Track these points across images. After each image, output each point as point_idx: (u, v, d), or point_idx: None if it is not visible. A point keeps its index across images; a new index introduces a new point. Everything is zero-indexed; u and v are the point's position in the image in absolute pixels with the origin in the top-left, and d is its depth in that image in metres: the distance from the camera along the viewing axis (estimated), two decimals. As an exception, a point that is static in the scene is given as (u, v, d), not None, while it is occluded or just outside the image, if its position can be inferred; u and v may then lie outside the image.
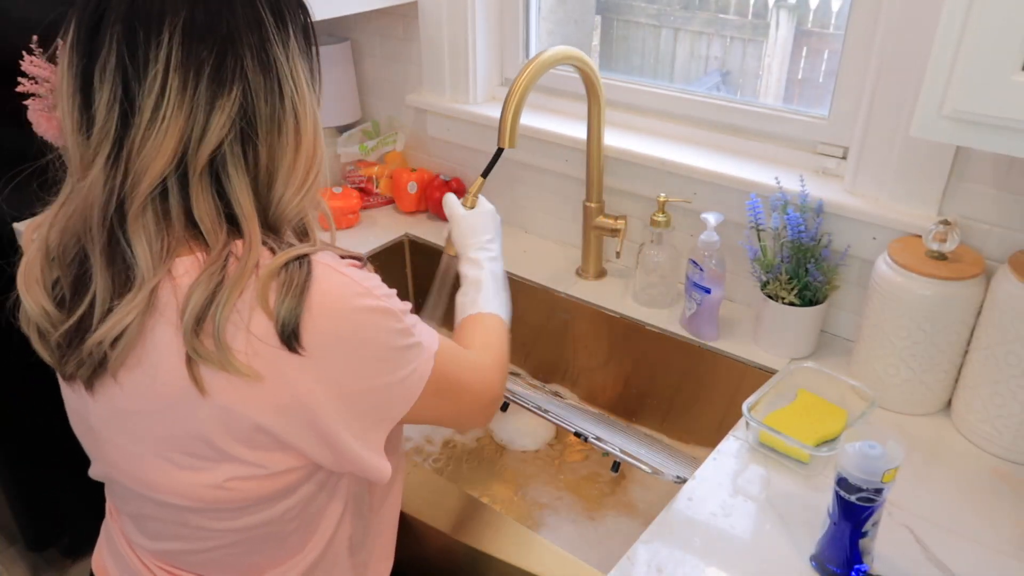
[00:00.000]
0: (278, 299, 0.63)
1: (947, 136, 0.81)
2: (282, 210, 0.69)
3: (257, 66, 0.65)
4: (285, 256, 0.65)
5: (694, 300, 1.20)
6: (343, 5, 1.39)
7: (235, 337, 0.63)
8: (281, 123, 0.67)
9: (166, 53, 0.61)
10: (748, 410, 0.98)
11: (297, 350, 0.64)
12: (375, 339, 0.68)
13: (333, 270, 0.67)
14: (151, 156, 0.62)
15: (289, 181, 0.69)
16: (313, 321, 0.64)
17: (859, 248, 1.13)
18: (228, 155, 0.65)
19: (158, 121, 0.62)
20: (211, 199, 0.65)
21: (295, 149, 0.69)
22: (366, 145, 1.65)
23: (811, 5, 1.35)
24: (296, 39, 0.69)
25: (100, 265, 0.65)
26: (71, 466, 1.74)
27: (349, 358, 0.67)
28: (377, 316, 0.68)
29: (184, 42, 0.62)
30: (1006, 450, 0.97)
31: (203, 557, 0.77)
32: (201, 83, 0.62)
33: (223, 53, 0.63)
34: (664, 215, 1.25)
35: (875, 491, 0.75)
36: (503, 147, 1.12)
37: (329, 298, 0.65)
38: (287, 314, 0.63)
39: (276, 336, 0.63)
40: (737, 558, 0.84)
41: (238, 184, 0.66)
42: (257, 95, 0.65)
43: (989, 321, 0.95)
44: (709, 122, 1.32)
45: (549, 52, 1.14)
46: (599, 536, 1.16)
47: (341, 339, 0.66)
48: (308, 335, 0.64)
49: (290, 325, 0.63)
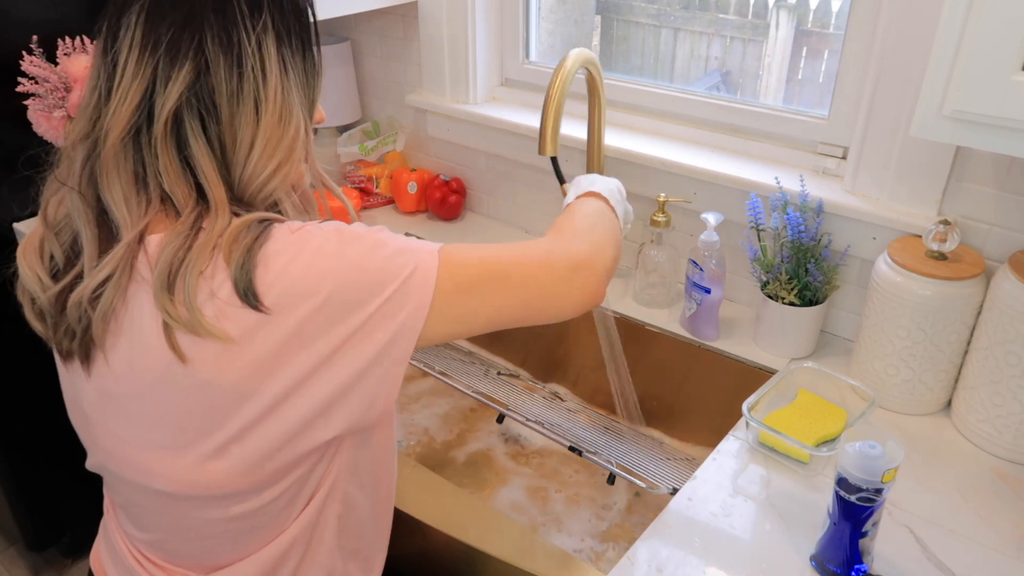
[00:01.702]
0: (235, 255, 0.65)
1: (947, 136, 0.81)
2: (245, 187, 0.71)
3: (217, 44, 0.68)
4: (248, 218, 0.67)
5: (694, 300, 1.20)
6: (343, 5, 1.39)
7: (204, 302, 0.65)
8: (239, 102, 0.69)
9: (131, 32, 0.68)
10: (748, 410, 0.98)
11: (258, 306, 0.64)
12: (338, 269, 0.66)
13: (289, 227, 0.68)
14: (115, 119, 0.67)
15: (249, 160, 0.70)
16: (268, 274, 0.65)
17: (859, 248, 1.13)
18: (187, 124, 0.68)
19: (119, 88, 0.68)
20: (178, 165, 0.69)
21: (253, 129, 0.70)
22: (366, 145, 1.65)
23: (811, 5, 1.35)
24: (275, 24, 0.71)
25: (84, 228, 0.69)
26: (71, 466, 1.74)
27: (319, 301, 0.65)
28: (330, 245, 0.67)
29: (145, 23, 0.68)
30: (1006, 450, 0.97)
31: (194, 546, 0.77)
32: (158, 55, 0.67)
33: (180, 31, 0.68)
34: (664, 215, 1.25)
35: (875, 491, 0.75)
36: (549, 156, 1.14)
37: (281, 248, 0.66)
38: (238, 270, 0.64)
39: (237, 296, 0.64)
40: (737, 558, 0.84)
41: (199, 152, 0.68)
42: (215, 72, 0.68)
43: (989, 321, 0.95)
44: (709, 122, 1.32)
45: (573, 57, 1.13)
46: (599, 536, 1.16)
47: (298, 284, 0.65)
48: (264, 289, 0.64)
49: (243, 281, 0.64)
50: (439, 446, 1.33)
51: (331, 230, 0.69)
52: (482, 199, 1.62)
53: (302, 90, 0.74)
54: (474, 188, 1.62)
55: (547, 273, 0.76)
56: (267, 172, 0.71)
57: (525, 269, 0.75)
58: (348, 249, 0.67)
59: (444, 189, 1.58)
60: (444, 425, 1.38)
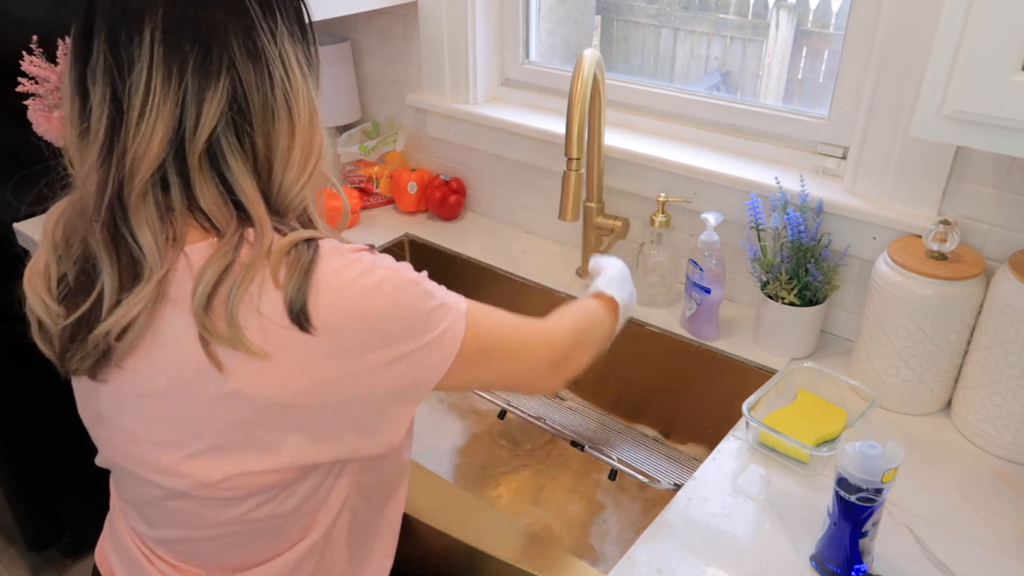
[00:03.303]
0: (286, 278, 0.64)
1: (947, 136, 0.81)
2: (284, 196, 0.71)
3: (245, 55, 0.66)
4: (295, 237, 0.67)
5: (694, 300, 1.20)
6: (343, 5, 1.39)
7: (247, 317, 0.64)
8: (274, 110, 0.68)
9: (148, 51, 0.63)
10: (748, 410, 0.98)
11: (307, 328, 0.64)
12: (389, 308, 0.68)
13: (339, 250, 0.68)
14: (142, 148, 0.64)
15: (288, 167, 0.70)
16: (321, 298, 0.65)
17: (859, 248, 1.13)
18: (224, 143, 0.66)
19: (146, 115, 0.64)
20: (214, 187, 0.67)
21: (290, 135, 0.70)
22: (366, 145, 1.65)
23: (811, 5, 1.35)
24: (286, 24, 0.69)
25: (105, 260, 0.66)
26: (71, 466, 1.74)
27: (364, 331, 0.67)
28: (388, 285, 0.68)
29: (165, 38, 0.64)
30: (1006, 450, 0.97)
31: (202, 546, 0.77)
32: (187, 76, 0.64)
33: (207, 45, 0.65)
34: (664, 215, 1.25)
35: (875, 491, 0.75)
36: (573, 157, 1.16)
37: (336, 275, 0.66)
38: (294, 293, 0.64)
39: (286, 315, 0.64)
40: (737, 558, 0.84)
41: (238, 171, 0.67)
42: (248, 84, 0.66)
43: (989, 321, 0.95)
44: (709, 122, 1.32)
45: (588, 60, 1.13)
46: (599, 536, 1.16)
47: (351, 314, 0.66)
48: (317, 312, 0.64)
49: (298, 303, 0.64)
50: (442, 443, 1.33)
51: (389, 267, 0.70)
52: (482, 199, 1.62)
53: (315, 89, 0.74)
54: (474, 188, 1.62)
55: (540, 361, 0.83)
56: (304, 178, 0.71)
57: (529, 352, 0.82)
58: (403, 294, 0.69)
59: (444, 189, 1.58)
60: (445, 420, 1.38)
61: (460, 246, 1.52)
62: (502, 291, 1.45)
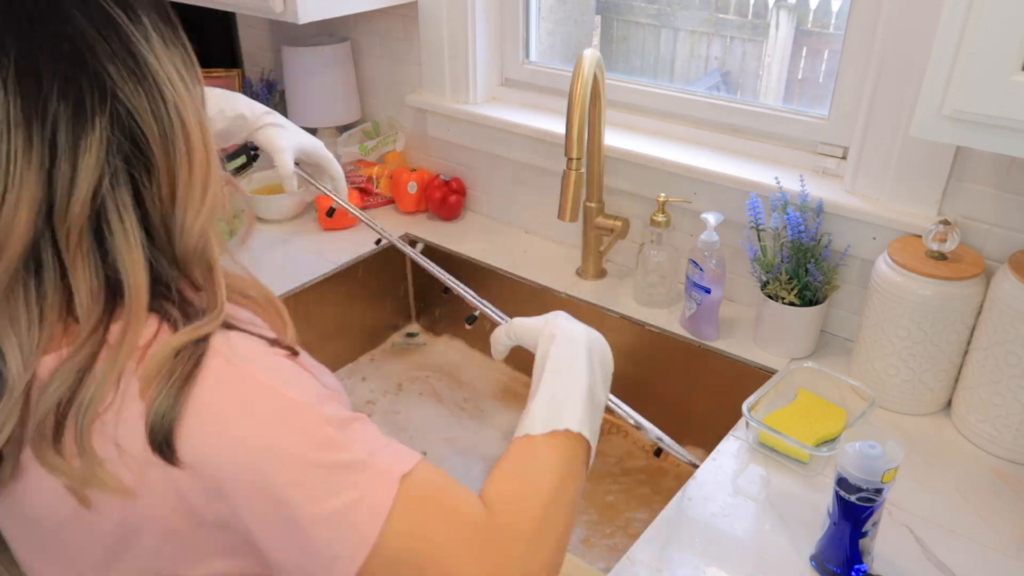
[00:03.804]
0: (154, 394, 0.51)
1: (947, 136, 0.81)
2: (185, 243, 0.57)
3: (125, 74, 0.52)
4: (182, 338, 0.53)
5: (694, 300, 1.20)
6: (343, 5, 1.39)
7: (103, 447, 0.52)
8: (170, 135, 0.55)
9: (6, 109, 0.50)
10: (748, 410, 0.98)
11: (173, 461, 0.52)
12: (280, 451, 0.52)
13: (227, 361, 0.54)
14: (8, 237, 0.51)
15: (188, 204, 0.57)
16: (190, 425, 0.51)
17: (859, 248, 1.13)
18: (109, 201, 0.53)
19: (11, 193, 0.50)
20: (91, 265, 0.53)
21: (188, 162, 0.56)
22: (366, 145, 1.65)
23: (811, 5, 1.35)
24: (155, 27, 0.56)
25: None
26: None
27: (243, 479, 0.52)
28: (282, 419, 0.53)
29: (20, 82, 0.50)
30: (1006, 450, 0.97)
31: None
32: (51, 121, 0.50)
33: (75, 75, 0.51)
34: (664, 215, 1.25)
35: (875, 491, 0.75)
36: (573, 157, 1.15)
37: (215, 396, 0.52)
38: (156, 419, 0.51)
39: (147, 443, 0.51)
40: (737, 558, 0.84)
41: (122, 237, 0.53)
42: (139, 113, 0.53)
43: (989, 321, 0.95)
44: (709, 122, 1.32)
45: (588, 60, 1.13)
46: (599, 535, 1.16)
47: (227, 451, 0.52)
48: (184, 444, 0.51)
49: (161, 430, 0.51)
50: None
51: (282, 393, 0.54)
52: (482, 199, 1.62)
53: (201, 97, 0.60)
54: (474, 188, 1.62)
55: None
56: (205, 212, 0.58)
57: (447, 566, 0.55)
58: (295, 436, 0.53)
59: (444, 189, 1.58)
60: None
61: (460, 246, 1.52)
62: (502, 291, 1.45)
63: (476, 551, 0.56)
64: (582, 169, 1.16)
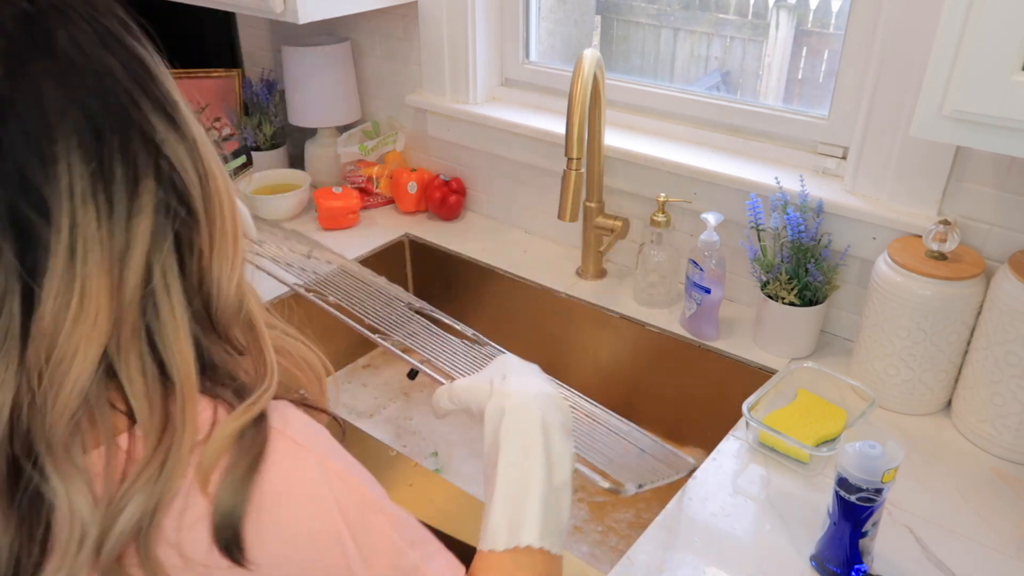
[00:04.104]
0: (216, 488, 0.45)
1: (947, 136, 0.81)
2: (224, 305, 0.50)
3: (163, 120, 0.46)
4: (242, 419, 0.47)
5: (694, 300, 1.20)
6: (343, 5, 1.39)
7: (165, 550, 0.45)
8: (204, 184, 0.48)
9: (67, 187, 0.41)
10: (748, 410, 0.98)
11: (240, 561, 0.46)
12: (346, 546, 0.49)
13: (294, 442, 0.49)
14: (70, 352, 0.42)
15: (223, 258, 0.50)
16: (260, 521, 0.46)
17: (859, 248, 1.13)
18: (157, 274, 0.45)
19: (86, 301, 0.42)
20: (143, 365, 0.45)
21: (221, 211, 0.50)
22: (366, 145, 1.65)
23: (811, 5, 1.35)
24: (163, 59, 0.49)
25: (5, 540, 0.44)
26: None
27: (308, 568, 0.48)
28: (355, 513, 0.50)
29: (86, 153, 0.42)
30: (1006, 450, 0.97)
31: None
32: (115, 196, 0.42)
33: (127, 132, 0.44)
34: (664, 215, 1.25)
35: (875, 491, 0.75)
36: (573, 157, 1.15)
37: (285, 485, 0.47)
38: (223, 512, 0.45)
39: (216, 547, 0.45)
40: (737, 558, 0.84)
41: (169, 315, 0.46)
42: (183, 168, 0.46)
43: (989, 321, 0.95)
44: (709, 122, 1.32)
45: (588, 60, 1.13)
46: (599, 535, 1.16)
47: (296, 545, 0.47)
48: (254, 541, 0.46)
49: (229, 527, 0.45)
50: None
51: (352, 485, 0.50)
52: (482, 199, 1.62)
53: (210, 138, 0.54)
54: (474, 188, 1.62)
55: None
56: (239, 263, 0.51)
57: None
58: (363, 536, 0.50)
59: (444, 189, 1.58)
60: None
61: (460, 246, 1.52)
62: (502, 291, 1.45)
63: None
64: (582, 169, 1.16)
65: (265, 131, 1.74)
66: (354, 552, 0.50)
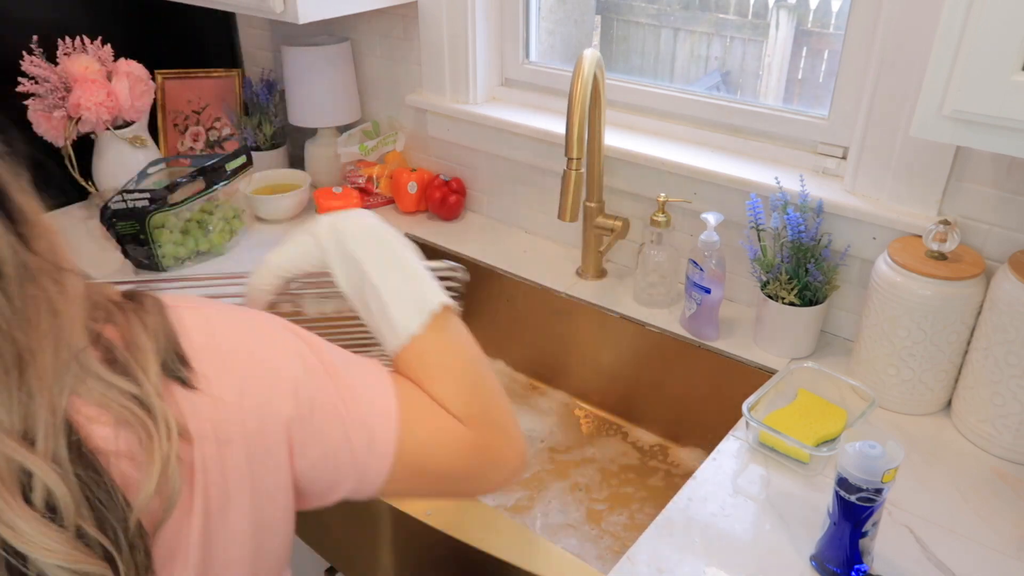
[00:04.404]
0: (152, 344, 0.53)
1: (947, 136, 0.81)
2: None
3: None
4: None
5: (694, 300, 1.20)
6: (343, 5, 1.39)
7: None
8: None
9: None
10: (748, 410, 0.98)
11: (188, 380, 0.53)
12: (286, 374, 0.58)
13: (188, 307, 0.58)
14: None
15: None
16: (193, 341, 0.55)
17: (859, 248, 1.13)
18: None
19: None
20: None
21: None
22: (366, 145, 1.65)
23: (811, 5, 1.35)
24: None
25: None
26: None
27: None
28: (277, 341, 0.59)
29: None
30: (1006, 450, 0.97)
31: None
32: None
33: None
34: (664, 215, 1.25)
35: (875, 491, 0.75)
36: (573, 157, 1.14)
37: (208, 318, 0.58)
38: (163, 346, 0.53)
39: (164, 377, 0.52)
40: (737, 558, 0.84)
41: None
42: None
43: (989, 321, 0.95)
44: (709, 122, 1.32)
45: (588, 60, 1.13)
46: (599, 535, 1.16)
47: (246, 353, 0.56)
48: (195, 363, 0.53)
49: (170, 350, 0.53)
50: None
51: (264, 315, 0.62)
52: (482, 199, 1.62)
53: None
54: (474, 188, 1.62)
55: (481, 483, 0.66)
56: None
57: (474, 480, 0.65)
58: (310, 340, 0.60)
59: (444, 189, 1.58)
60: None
61: (460, 246, 1.52)
62: (502, 291, 1.45)
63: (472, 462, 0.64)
64: (582, 169, 1.16)
65: (265, 131, 1.74)
66: (306, 350, 0.59)
